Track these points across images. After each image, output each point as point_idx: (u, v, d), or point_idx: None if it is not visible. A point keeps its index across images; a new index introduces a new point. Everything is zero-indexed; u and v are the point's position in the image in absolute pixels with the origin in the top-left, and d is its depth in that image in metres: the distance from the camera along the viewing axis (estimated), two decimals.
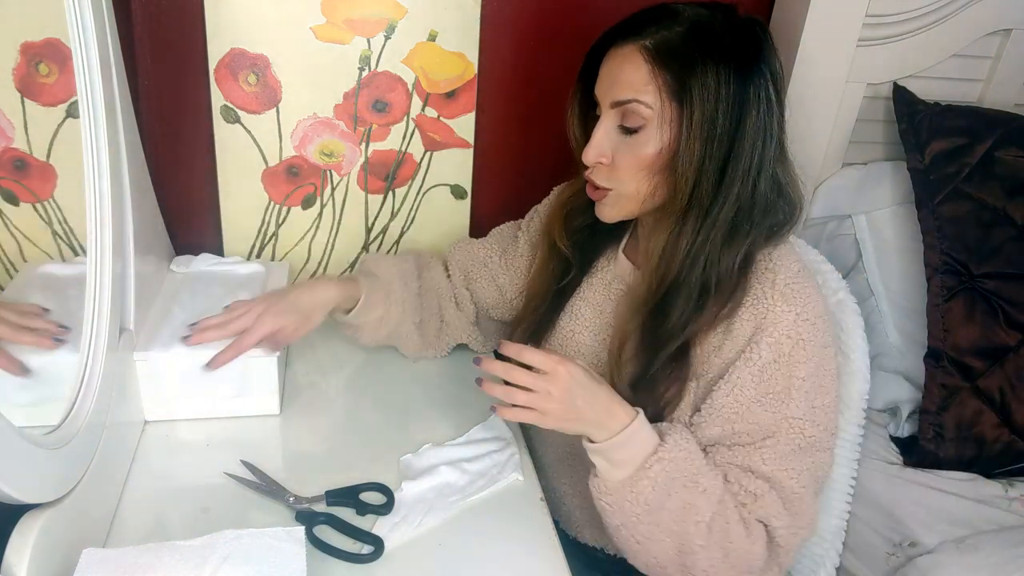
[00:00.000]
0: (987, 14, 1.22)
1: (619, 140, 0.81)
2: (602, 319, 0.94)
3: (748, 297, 0.81)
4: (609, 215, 0.87)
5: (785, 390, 0.79)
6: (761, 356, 0.79)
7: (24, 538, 0.61)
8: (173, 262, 1.10)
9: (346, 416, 0.99)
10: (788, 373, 0.79)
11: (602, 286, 0.95)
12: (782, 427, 0.80)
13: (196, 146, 1.11)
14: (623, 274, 0.93)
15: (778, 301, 0.80)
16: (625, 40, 0.79)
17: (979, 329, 1.12)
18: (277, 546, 0.68)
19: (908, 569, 1.00)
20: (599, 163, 0.83)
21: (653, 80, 0.77)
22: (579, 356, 0.94)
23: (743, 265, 0.81)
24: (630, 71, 0.78)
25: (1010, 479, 1.12)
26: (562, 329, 0.97)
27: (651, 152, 0.79)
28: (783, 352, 0.79)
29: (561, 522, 1.01)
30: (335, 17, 1.06)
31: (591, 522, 0.97)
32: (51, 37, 0.89)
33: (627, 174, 0.81)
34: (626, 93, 0.79)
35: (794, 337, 0.79)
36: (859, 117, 1.26)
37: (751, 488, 0.79)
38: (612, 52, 0.81)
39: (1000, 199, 1.14)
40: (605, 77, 0.81)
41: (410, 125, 1.15)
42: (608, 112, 0.81)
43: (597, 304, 0.95)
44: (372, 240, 1.22)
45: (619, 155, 0.81)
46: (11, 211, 0.98)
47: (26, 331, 0.79)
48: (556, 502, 1.00)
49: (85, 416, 0.73)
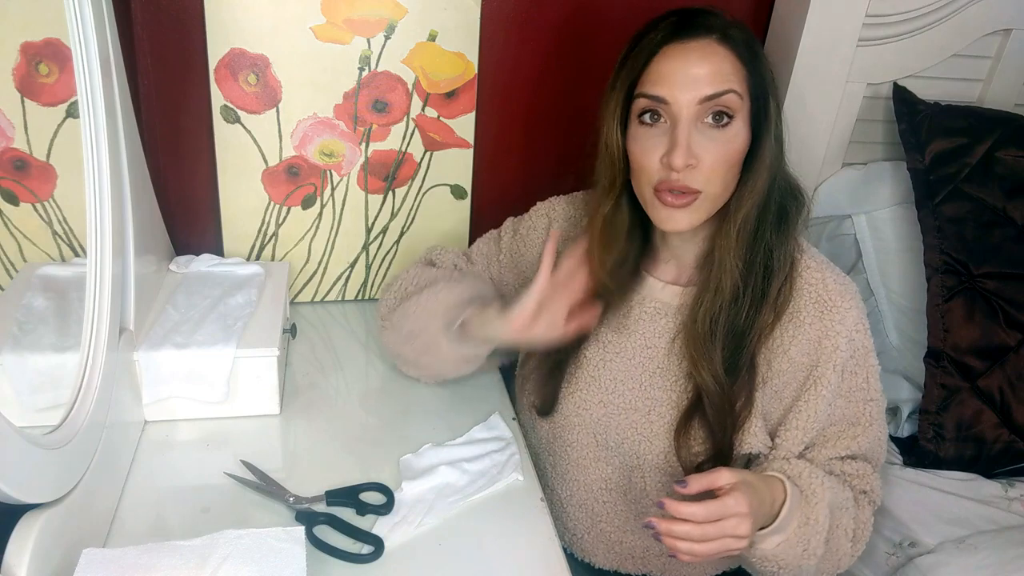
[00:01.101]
0: (987, 14, 1.22)
1: (703, 137, 0.77)
2: (634, 341, 0.90)
3: (804, 296, 0.83)
4: (689, 222, 0.81)
5: (864, 380, 0.85)
6: (840, 355, 0.82)
7: (24, 538, 0.61)
8: (173, 262, 1.10)
9: (346, 416, 0.99)
10: (865, 363, 0.85)
11: (626, 308, 0.90)
12: (866, 411, 0.86)
13: (196, 146, 1.11)
14: (653, 292, 0.90)
15: (836, 298, 0.83)
16: (690, 36, 0.77)
17: (979, 329, 1.12)
18: (277, 546, 0.68)
19: (908, 569, 1.00)
20: (688, 165, 0.77)
21: (740, 70, 0.77)
22: (616, 383, 0.90)
23: (790, 251, 0.83)
24: (719, 63, 0.76)
25: (1010, 479, 1.12)
26: (590, 360, 0.92)
27: (740, 146, 0.78)
28: (857, 347, 0.84)
29: (597, 563, 0.99)
30: (335, 17, 1.06)
31: (632, 554, 0.97)
32: (51, 37, 0.89)
33: (716, 172, 0.78)
34: (720, 85, 0.76)
35: (862, 330, 0.84)
36: (859, 117, 1.26)
37: (851, 471, 0.86)
38: (674, 48, 0.77)
39: (1000, 199, 1.14)
40: (679, 73, 0.76)
41: (410, 125, 1.15)
42: (691, 109, 0.76)
43: (625, 328, 0.90)
44: (372, 240, 1.22)
45: (706, 153, 0.77)
46: (11, 211, 0.98)
47: None
48: (591, 542, 0.98)
49: (85, 416, 0.73)
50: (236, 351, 0.92)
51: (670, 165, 0.77)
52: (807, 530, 0.78)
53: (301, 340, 1.13)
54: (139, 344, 0.90)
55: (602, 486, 0.94)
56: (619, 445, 0.91)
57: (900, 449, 1.16)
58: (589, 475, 0.94)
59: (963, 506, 1.07)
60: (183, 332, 0.93)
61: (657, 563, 0.96)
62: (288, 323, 1.06)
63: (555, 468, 0.97)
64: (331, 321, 1.20)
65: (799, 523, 0.78)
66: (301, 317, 1.19)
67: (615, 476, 0.93)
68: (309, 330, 1.16)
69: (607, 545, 0.97)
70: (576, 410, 0.92)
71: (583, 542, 0.98)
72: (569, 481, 0.96)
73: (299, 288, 1.23)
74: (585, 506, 0.96)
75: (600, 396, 0.91)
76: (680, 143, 0.76)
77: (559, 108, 1.20)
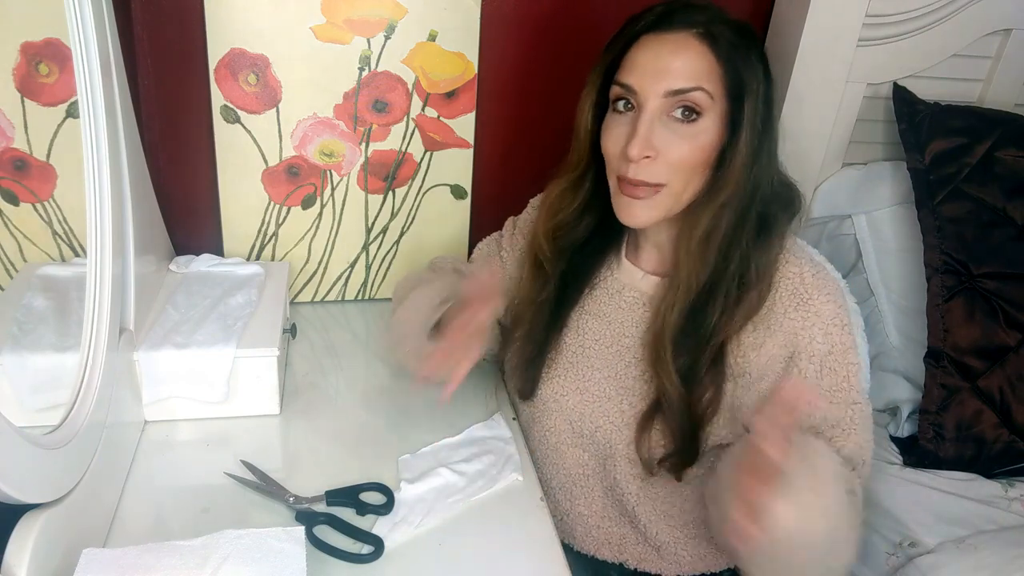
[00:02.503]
0: (987, 14, 1.22)
1: (667, 131, 0.77)
2: (612, 329, 0.90)
3: (781, 289, 0.82)
4: (647, 217, 0.81)
5: (845, 379, 0.82)
6: (817, 347, 0.80)
7: (24, 538, 0.61)
8: (173, 262, 1.10)
9: (346, 416, 0.99)
10: (844, 360, 0.81)
11: (607, 296, 0.91)
12: (847, 414, 0.82)
13: (196, 146, 1.11)
14: (633, 281, 0.90)
15: (812, 291, 0.81)
16: (669, 27, 0.76)
17: (979, 329, 1.12)
18: (277, 546, 0.68)
19: (908, 569, 1.00)
20: (646, 157, 0.77)
21: (715, 70, 0.76)
22: (593, 371, 0.90)
23: (771, 261, 0.82)
24: (692, 58, 0.75)
25: (1010, 479, 1.12)
26: (569, 347, 0.92)
27: (707, 143, 0.77)
28: (835, 342, 0.81)
29: (576, 545, 0.99)
30: (335, 17, 1.06)
31: (608, 540, 0.97)
32: (51, 37, 0.89)
33: (679, 168, 0.77)
34: (689, 81, 0.75)
35: (839, 325, 0.81)
36: (859, 117, 1.26)
37: None
38: (651, 39, 0.77)
39: (1000, 199, 1.14)
40: (650, 64, 0.76)
41: (410, 125, 1.15)
42: (656, 102, 0.76)
43: (604, 315, 0.91)
44: (372, 240, 1.22)
45: (669, 147, 0.77)
46: (11, 211, 0.98)
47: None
48: (570, 523, 0.98)
49: (85, 416, 0.73)
50: (236, 351, 0.92)
51: (626, 155, 0.77)
52: (823, 492, 0.70)
53: (301, 340, 1.13)
54: (139, 344, 0.90)
55: (579, 471, 0.94)
56: (592, 433, 0.91)
57: (900, 449, 1.16)
58: (566, 459, 0.95)
59: (963, 506, 1.07)
60: (183, 332, 0.93)
61: (633, 552, 0.95)
62: (288, 323, 1.06)
63: (536, 451, 0.97)
64: (331, 321, 1.20)
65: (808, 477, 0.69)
66: (301, 317, 1.19)
67: (591, 463, 0.93)
68: (309, 330, 1.16)
69: (584, 529, 0.97)
70: (553, 396, 0.93)
71: (563, 523, 0.98)
72: (548, 464, 0.97)
73: (299, 288, 1.23)
74: (564, 489, 0.97)
75: (577, 383, 0.91)
76: (639, 134, 0.76)
77: (559, 108, 1.20)
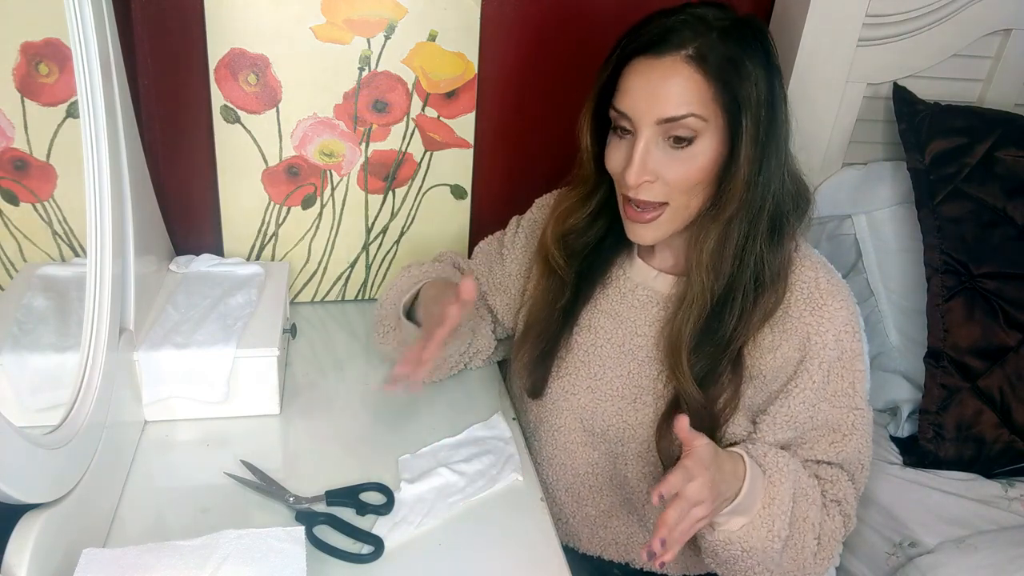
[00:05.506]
0: (987, 14, 1.22)
1: (663, 155, 0.77)
2: (625, 328, 0.90)
3: (796, 293, 0.82)
4: (654, 237, 0.82)
5: (850, 385, 0.83)
6: (828, 353, 0.81)
7: (24, 538, 0.61)
8: (173, 262, 1.10)
9: (346, 416, 0.99)
10: (851, 367, 0.83)
11: (619, 295, 0.91)
12: (848, 419, 0.84)
13: (196, 146, 1.11)
14: (646, 280, 0.90)
15: (828, 298, 0.82)
16: (659, 52, 0.75)
17: (979, 329, 1.12)
18: (277, 546, 0.68)
19: (908, 569, 1.00)
20: (645, 181, 0.78)
21: (707, 91, 0.75)
22: (605, 370, 0.91)
23: (785, 260, 0.83)
24: (680, 84, 0.74)
25: (1010, 479, 1.12)
26: (580, 345, 0.92)
27: (706, 163, 0.77)
28: (845, 348, 0.82)
29: (581, 547, 0.99)
30: (335, 17, 1.06)
31: (615, 539, 0.97)
32: (51, 37, 0.89)
33: (679, 187, 0.78)
34: (679, 109, 0.75)
35: (850, 331, 0.82)
36: (859, 117, 1.26)
37: (824, 475, 0.84)
38: (642, 64, 0.76)
39: (1000, 199, 1.14)
40: (641, 91, 0.76)
41: (410, 125, 1.15)
42: (650, 129, 0.76)
43: (617, 314, 0.91)
44: (372, 240, 1.22)
45: (666, 170, 0.77)
46: (11, 211, 0.98)
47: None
48: (576, 526, 0.98)
49: (85, 416, 0.73)
50: (236, 351, 0.92)
51: (624, 181, 0.78)
52: (771, 510, 0.76)
53: (301, 340, 1.13)
54: (139, 344, 0.90)
55: (588, 471, 0.95)
56: (604, 432, 0.91)
57: (900, 449, 1.16)
58: (576, 459, 0.95)
59: (963, 506, 1.07)
60: (183, 332, 0.93)
61: (640, 553, 0.96)
62: (288, 323, 1.06)
63: (542, 451, 0.97)
64: (331, 321, 1.20)
65: (763, 503, 0.76)
66: (301, 317, 1.19)
67: (601, 461, 0.93)
68: (309, 330, 1.16)
69: (591, 529, 0.97)
70: (564, 394, 0.93)
71: (568, 525, 0.98)
72: (556, 464, 0.97)
73: (299, 288, 1.23)
74: (571, 489, 0.97)
75: (588, 382, 0.92)
76: (634, 161, 0.77)
77: (559, 108, 1.20)
